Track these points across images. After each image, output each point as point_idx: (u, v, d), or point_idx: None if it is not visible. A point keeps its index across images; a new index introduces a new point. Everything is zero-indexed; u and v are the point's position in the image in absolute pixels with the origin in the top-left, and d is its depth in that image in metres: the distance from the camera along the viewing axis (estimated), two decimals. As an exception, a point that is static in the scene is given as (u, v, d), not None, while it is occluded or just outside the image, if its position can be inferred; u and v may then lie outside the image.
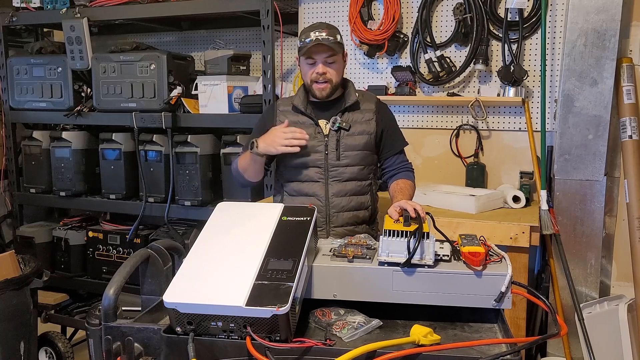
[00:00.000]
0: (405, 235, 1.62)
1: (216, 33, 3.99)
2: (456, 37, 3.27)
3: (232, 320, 1.38)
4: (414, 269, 1.58)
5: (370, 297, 1.61)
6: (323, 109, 2.38)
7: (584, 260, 2.95)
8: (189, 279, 1.47)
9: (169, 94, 3.46)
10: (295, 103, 2.39)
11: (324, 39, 2.24)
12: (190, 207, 3.49)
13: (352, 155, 2.33)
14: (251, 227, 1.68)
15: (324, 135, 2.33)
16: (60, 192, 3.81)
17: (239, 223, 1.70)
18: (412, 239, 1.61)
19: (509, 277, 1.55)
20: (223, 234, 1.66)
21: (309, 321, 1.58)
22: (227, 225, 1.70)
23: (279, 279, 1.43)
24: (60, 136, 3.78)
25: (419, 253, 1.59)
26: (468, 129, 3.36)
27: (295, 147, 2.25)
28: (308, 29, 2.30)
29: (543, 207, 2.91)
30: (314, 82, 2.31)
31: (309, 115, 2.37)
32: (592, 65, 2.84)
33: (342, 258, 1.67)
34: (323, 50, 2.25)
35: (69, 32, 3.62)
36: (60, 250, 3.87)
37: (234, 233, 1.66)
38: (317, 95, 2.33)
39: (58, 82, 3.77)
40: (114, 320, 1.49)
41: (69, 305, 3.86)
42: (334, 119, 2.31)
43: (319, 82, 2.30)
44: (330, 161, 2.32)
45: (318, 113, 2.37)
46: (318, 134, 2.34)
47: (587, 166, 2.91)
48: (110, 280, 1.53)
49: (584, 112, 2.88)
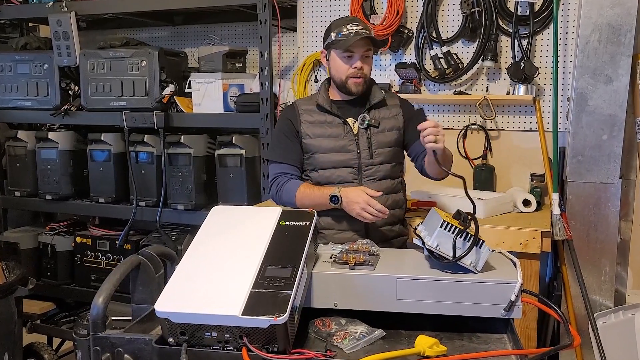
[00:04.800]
0: (463, 236, 1.64)
1: (211, 28, 4.00)
2: (463, 32, 3.28)
3: (228, 331, 1.38)
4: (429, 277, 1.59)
5: (372, 306, 1.62)
6: (348, 107, 2.42)
7: (598, 267, 2.95)
8: (182, 287, 1.47)
9: (161, 92, 3.46)
10: (320, 102, 2.42)
11: (364, 32, 2.28)
12: (184, 211, 3.48)
13: (385, 153, 2.37)
14: (247, 232, 1.68)
15: (354, 134, 2.36)
16: (47, 196, 3.81)
17: (234, 228, 1.71)
18: (465, 240, 1.63)
19: (519, 285, 1.55)
20: (218, 239, 1.66)
21: (308, 331, 1.58)
22: (222, 231, 1.70)
23: (276, 286, 1.44)
24: (46, 136, 3.78)
25: (472, 257, 1.60)
26: (476, 129, 3.37)
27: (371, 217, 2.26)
28: (340, 22, 2.34)
29: (555, 212, 2.91)
30: (350, 78, 2.34)
31: (336, 114, 2.39)
32: (607, 61, 2.85)
33: (343, 265, 1.67)
34: (363, 44, 2.29)
35: (56, 27, 3.63)
36: (47, 257, 3.86)
37: (229, 238, 1.66)
38: (352, 90, 2.36)
39: (44, 80, 3.77)
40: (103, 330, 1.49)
41: (55, 315, 3.86)
42: (363, 117, 2.34)
43: (356, 77, 2.33)
44: (364, 160, 2.36)
45: (343, 112, 2.41)
46: (348, 133, 2.37)
47: (602, 168, 2.91)
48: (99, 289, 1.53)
49: (598, 111, 2.88)
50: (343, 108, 2.42)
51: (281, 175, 2.42)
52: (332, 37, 2.33)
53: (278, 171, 2.43)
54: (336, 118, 2.39)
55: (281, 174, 2.42)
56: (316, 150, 2.37)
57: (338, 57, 2.34)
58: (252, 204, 3.25)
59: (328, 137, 2.37)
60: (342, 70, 2.35)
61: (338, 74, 2.37)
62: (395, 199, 2.44)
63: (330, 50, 2.37)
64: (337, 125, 2.39)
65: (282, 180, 2.39)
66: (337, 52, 2.33)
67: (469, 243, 1.62)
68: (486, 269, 1.65)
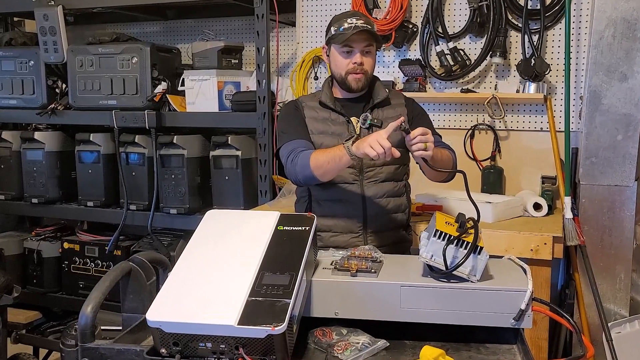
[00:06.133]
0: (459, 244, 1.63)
1: (205, 23, 4.00)
2: (471, 27, 3.28)
3: (223, 341, 1.38)
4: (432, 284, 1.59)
5: (375, 316, 1.62)
6: (352, 105, 2.43)
7: (612, 275, 2.95)
8: (174, 295, 1.47)
9: (153, 90, 3.46)
10: (322, 99, 2.43)
11: (365, 27, 2.29)
12: (177, 215, 3.49)
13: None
14: (244, 238, 1.68)
15: (357, 134, 2.36)
16: (32, 199, 3.81)
17: (230, 233, 1.71)
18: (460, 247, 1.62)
19: (529, 294, 1.55)
20: (212, 245, 1.66)
21: (307, 342, 1.58)
22: (217, 236, 1.70)
23: (274, 295, 1.44)
24: (32, 137, 3.78)
25: (469, 266, 1.60)
26: (484, 129, 3.37)
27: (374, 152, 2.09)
28: (340, 16, 2.35)
29: (567, 216, 2.91)
30: (349, 73, 2.35)
31: (340, 111, 2.41)
32: (622, 58, 2.85)
33: (344, 272, 1.67)
34: (363, 38, 2.30)
35: (42, 22, 3.63)
36: (32, 264, 3.86)
37: (224, 244, 1.66)
38: (352, 86, 2.37)
39: (30, 77, 3.77)
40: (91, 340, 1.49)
41: (41, 325, 3.86)
42: (365, 116, 2.34)
43: (356, 73, 2.34)
44: (366, 161, 2.35)
45: (347, 110, 2.42)
46: (351, 132, 2.37)
47: (616, 170, 2.91)
48: (87, 297, 1.53)
49: (613, 110, 2.88)
50: (347, 106, 2.43)
51: (296, 148, 2.33)
52: (332, 31, 2.34)
53: (292, 147, 2.34)
54: (340, 116, 2.41)
55: (296, 148, 2.33)
56: (318, 147, 2.37)
57: (337, 52, 2.36)
58: (248, 208, 3.25)
59: (331, 135, 2.38)
60: (342, 66, 2.36)
61: (338, 70, 2.38)
62: (398, 202, 2.44)
63: (330, 46, 2.38)
64: (341, 124, 2.40)
65: (298, 151, 2.31)
66: (337, 47, 2.35)
67: (465, 251, 1.61)
68: (495, 276, 1.65)
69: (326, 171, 2.23)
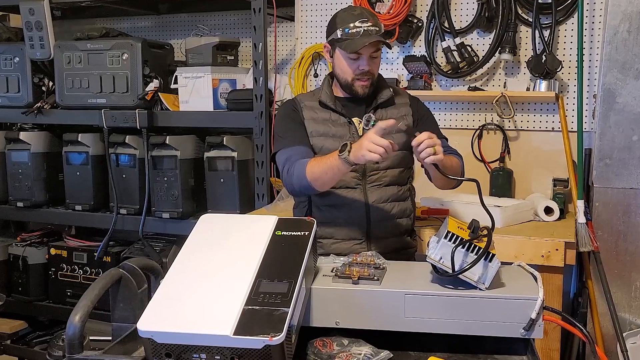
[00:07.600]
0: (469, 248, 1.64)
1: (199, 17, 4.01)
2: (479, 22, 3.29)
3: (218, 352, 1.39)
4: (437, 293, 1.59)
5: (378, 325, 1.62)
6: (353, 105, 2.42)
7: (627, 282, 2.95)
8: (167, 304, 1.48)
9: (144, 88, 3.47)
10: (322, 99, 2.42)
11: (373, 30, 2.26)
12: (169, 219, 3.49)
13: (392, 157, 2.35)
14: (240, 243, 1.68)
15: (359, 136, 2.35)
16: (18, 203, 3.81)
17: (225, 238, 1.71)
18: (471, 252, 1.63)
19: (540, 302, 1.55)
20: (207, 251, 1.66)
21: (307, 353, 1.58)
22: (212, 241, 1.70)
23: (272, 303, 1.44)
24: (17, 137, 3.79)
25: (478, 272, 1.60)
26: (492, 129, 3.38)
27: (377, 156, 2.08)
28: (347, 16, 2.31)
29: (580, 220, 2.91)
30: (356, 80, 2.34)
31: (341, 112, 2.40)
32: (637, 54, 2.85)
33: (345, 279, 1.67)
34: (373, 44, 2.27)
35: (28, 16, 3.63)
36: (18, 270, 3.87)
37: (219, 250, 1.66)
38: (359, 92, 2.36)
39: (15, 75, 3.77)
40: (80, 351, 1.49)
41: (27, 335, 3.87)
42: (368, 117, 2.32)
43: (362, 80, 2.34)
44: (369, 164, 2.34)
45: (348, 110, 2.41)
46: (353, 134, 2.37)
47: (632, 172, 2.91)
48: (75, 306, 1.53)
49: (628, 109, 2.89)
50: (348, 106, 2.42)
51: (291, 156, 2.33)
52: (337, 33, 2.30)
53: (288, 155, 2.35)
54: (341, 117, 2.40)
55: (291, 156, 2.33)
56: (318, 150, 2.37)
57: (343, 58, 2.33)
58: (244, 212, 3.25)
59: (332, 137, 2.37)
60: (348, 72, 2.34)
61: (343, 75, 2.37)
62: (402, 207, 2.44)
63: (334, 46, 2.35)
64: (342, 125, 2.39)
65: (293, 159, 2.31)
66: (342, 51, 2.32)
67: (476, 256, 1.62)
68: (504, 284, 1.65)
69: (324, 182, 2.23)
